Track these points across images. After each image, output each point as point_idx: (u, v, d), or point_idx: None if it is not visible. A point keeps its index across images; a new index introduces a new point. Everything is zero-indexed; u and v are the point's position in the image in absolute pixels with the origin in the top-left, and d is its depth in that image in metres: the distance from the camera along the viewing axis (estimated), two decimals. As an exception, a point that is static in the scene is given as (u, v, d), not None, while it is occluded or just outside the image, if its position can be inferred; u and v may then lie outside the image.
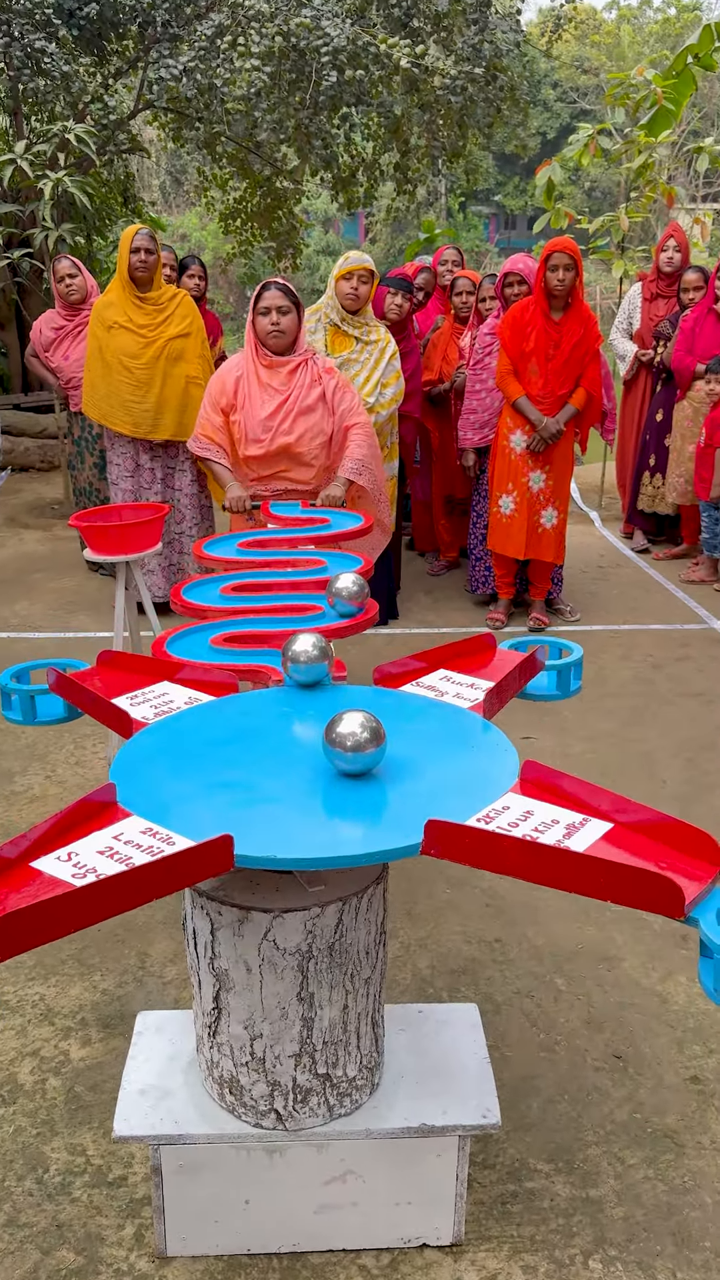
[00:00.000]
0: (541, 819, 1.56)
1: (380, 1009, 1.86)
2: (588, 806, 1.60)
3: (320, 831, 1.51)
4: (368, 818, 1.54)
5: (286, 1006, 1.69)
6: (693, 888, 1.40)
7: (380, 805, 1.58)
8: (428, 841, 1.46)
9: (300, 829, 1.51)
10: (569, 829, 1.54)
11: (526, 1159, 2.07)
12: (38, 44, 6.13)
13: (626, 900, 1.39)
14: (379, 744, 1.60)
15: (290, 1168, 1.80)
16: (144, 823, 1.53)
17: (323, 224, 33.21)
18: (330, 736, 1.60)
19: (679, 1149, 2.10)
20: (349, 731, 1.59)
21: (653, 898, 1.37)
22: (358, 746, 1.59)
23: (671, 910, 1.37)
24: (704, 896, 1.40)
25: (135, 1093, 1.86)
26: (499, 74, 7.11)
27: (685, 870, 1.44)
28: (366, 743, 1.59)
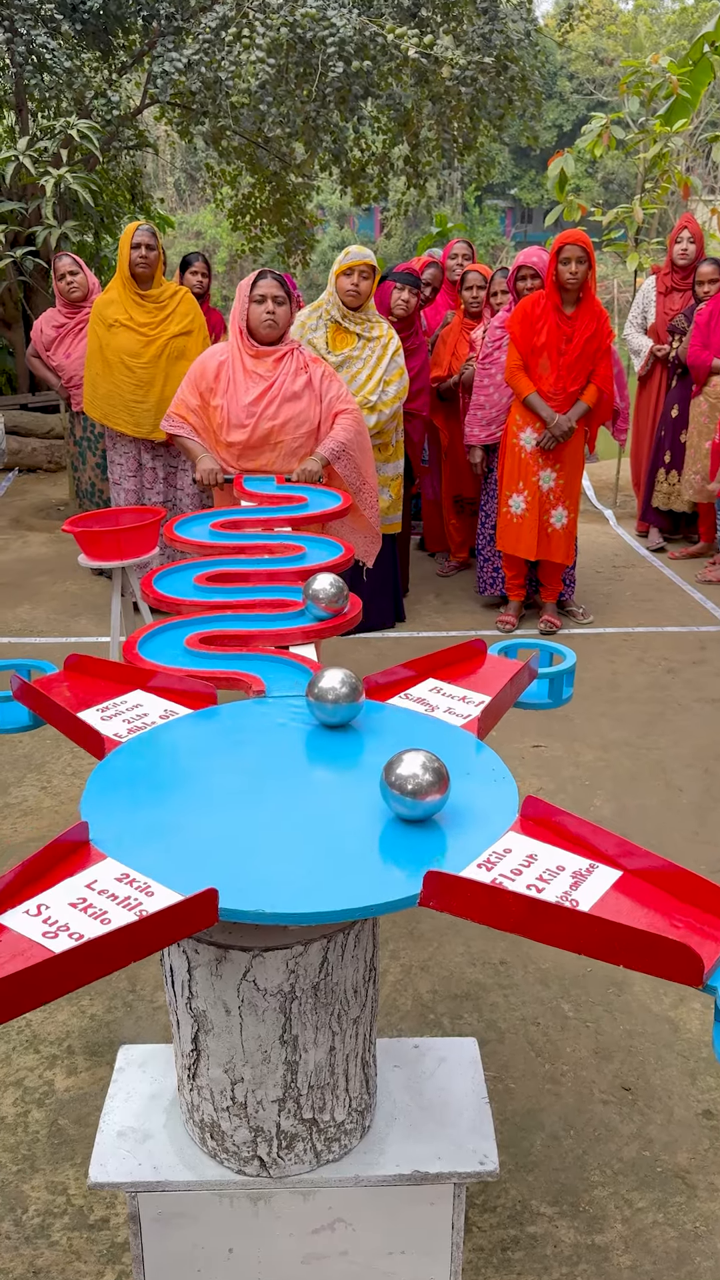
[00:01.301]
0: (546, 865, 1.45)
1: (371, 1048, 1.75)
2: (594, 850, 1.49)
3: (311, 880, 1.40)
4: (362, 863, 1.43)
5: (269, 1050, 1.59)
6: (710, 952, 1.28)
7: (375, 847, 1.47)
8: (426, 893, 1.36)
9: (288, 875, 1.40)
10: (575, 878, 1.43)
11: (529, 1201, 1.96)
12: (40, 39, 6.05)
13: (639, 965, 1.27)
14: (443, 791, 1.49)
15: (276, 1216, 1.70)
16: (119, 867, 1.43)
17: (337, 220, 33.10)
18: (390, 779, 1.48)
19: (690, 1190, 1.99)
20: (410, 774, 1.47)
21: (669, 965, 1.25)
22: (418, 791, 1.48)
23: (689, 979, 1.26)
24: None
25: (114, 1135, 1.76)
26: (510, 64, 6.97)
27: (699, 929, 1.33)
28: (429, 787, 1.47)
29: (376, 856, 1.45)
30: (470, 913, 1.33)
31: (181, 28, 6.53)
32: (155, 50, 6.54)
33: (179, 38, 6.58)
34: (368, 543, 3.75)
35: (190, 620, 2.23)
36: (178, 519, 2.83)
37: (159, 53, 6.40)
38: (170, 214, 33.15)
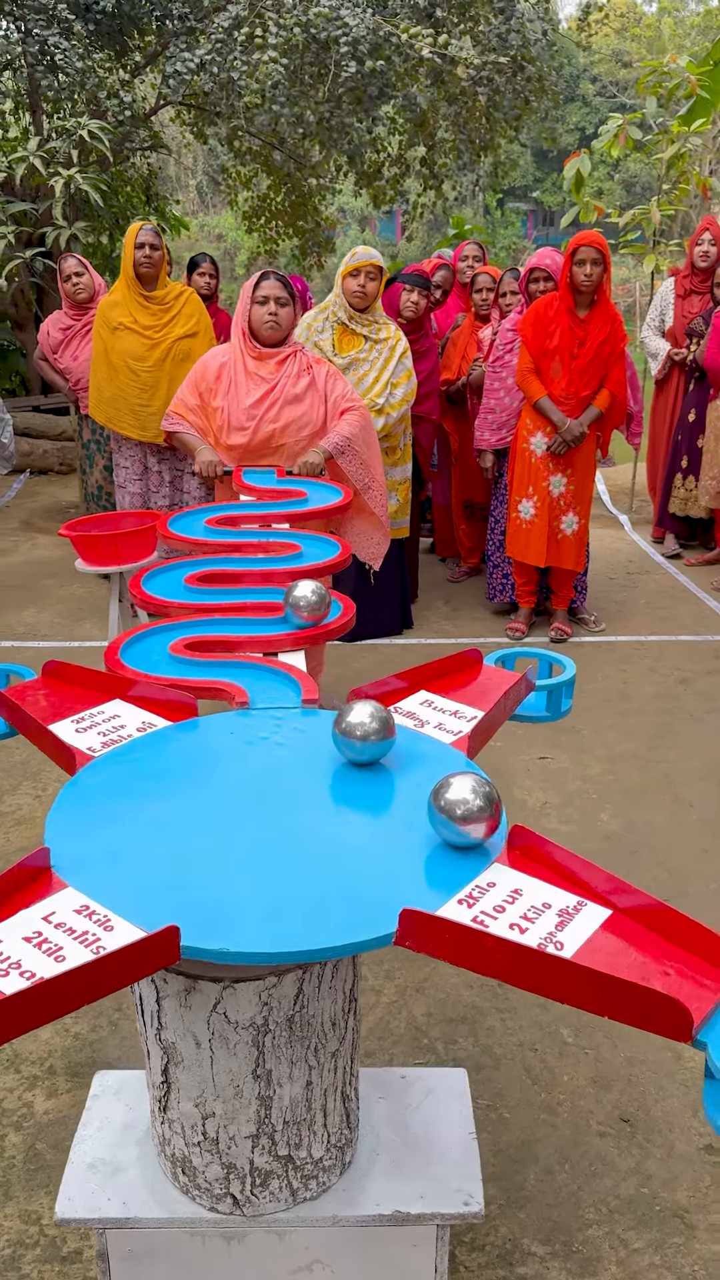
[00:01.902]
0: (531, 902, 1.37)
1: (353, 1081, 1.68)
2: (582, 886, 1.40)
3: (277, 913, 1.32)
4: (336, 897, 1.36)
5: (241, 1084, 1.51)
6: (700, 1004, 1.20)
7: (351, 880, 1.40)
8: (402, 932, 1.28)
9: (255, 909, 1.33)
10: (562, 916, 1.35)
11: (520, 1239, 1.88)
12: (52, 39, 6.01)
13: (625, 1018, 1.19)
14: (492, 815, 1.43)
15: (250, 1256, 1.63)
16: (80, 898, 1.35)
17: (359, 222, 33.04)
18: (439, 803, 1.42)
19: (689, 1230, 1.90)
20: (459, 799, 1.41)
21: (657, 1019, 1.17)
22: (468, 816, 1.41)
23: (677, 1034, 1.17)
24: (713, 1014, 1.20)
25: (84, 1167, 1.70)
26: (527, 64, 6.88)
27: (690, 976, 1.25)
28: (480, 811, 1.41)
29: (351, 890, 1.37)
30: (448, 954, 1.26)
31: (195, 27, 6.48)
32: (168, 51, 6.49)
33: (192, 38, 6.54)
34: (376, 544, 3.67)
35: (176, 624, 2.16)
36: (173, 513, 2.77)
37: (171, 53, 6.36)
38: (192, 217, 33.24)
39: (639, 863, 3.06)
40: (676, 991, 1.21)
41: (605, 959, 1.26)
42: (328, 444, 3.27)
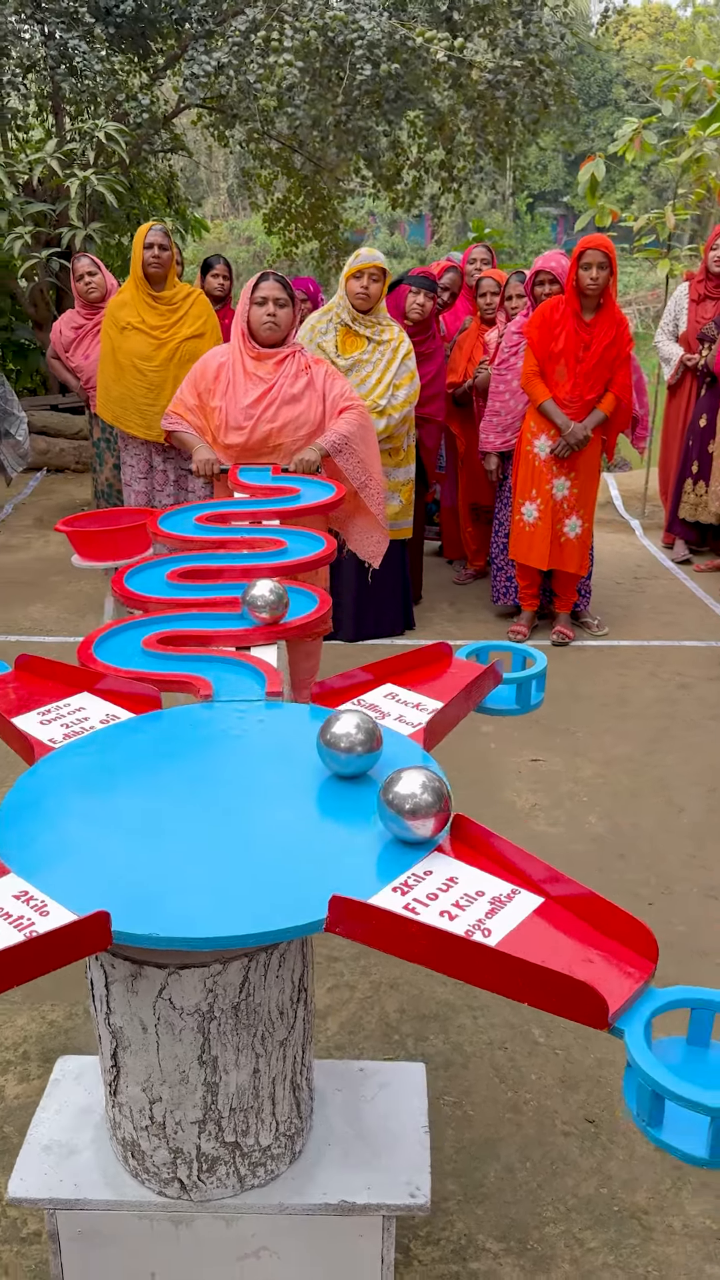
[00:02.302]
0: (465, 890, 1.38)
1: (304, 1071, 1.69)
2: (519, 875, 1.41)
3: (214, 900, 1.34)
4: (271, 884, 1.37)
5: (187, 1070, 1.53)
6: (620, 993, 1.21)
7: (290, 867, 1.41)
8: (332, 918, 1.30)
9: (192, 895, 1.35)
10: (494, 904, 1.36)
11: (475, 1235, 1.89)
12: (72, 42, 6.08)
13: (544, 1005, 1.20)
14: (441, 810, 1.44)
15: (198, 1241, 1.65)
16: (20, 884, 1.38)
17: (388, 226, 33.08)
18: (387, 797, 1.43)
19: (646, 1232, 1.90)
20: (409, 793, 1.42)
21: (573, 1006, 1.18)
22: (416, 810, 1.42)
23: (593, 1021, 1.18)
24: (632, 1003, 1.21)
25: (39, 1149, 1.72)
26: (546, 68, 6.88)
27: (615, 965, 1.26)
28: (429, 806, 1.42)
29: (290, 877, 1.39)
30: (376, 941, 1.27)
31: (213, 31, 6.53)
32: (187, 54, 6.55)
33: (211, 41, 6.59)
34: (376, 542, 3.68)
35: (153, 619, 2.19)
36: (163, 510, 2.79)
37: (190, 56, 6.41)
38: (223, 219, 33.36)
39: (625, 865, 3.05)
40: (599, 979, 1.22)
41: (531, 946, 1.27)
42: (324, 442, 3.29)
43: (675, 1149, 1.12)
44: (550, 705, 4.16)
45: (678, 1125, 1.14)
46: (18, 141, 7.87)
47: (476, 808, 3.34)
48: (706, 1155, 1.10)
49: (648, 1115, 1.14)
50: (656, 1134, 1.14)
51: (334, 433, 3.30)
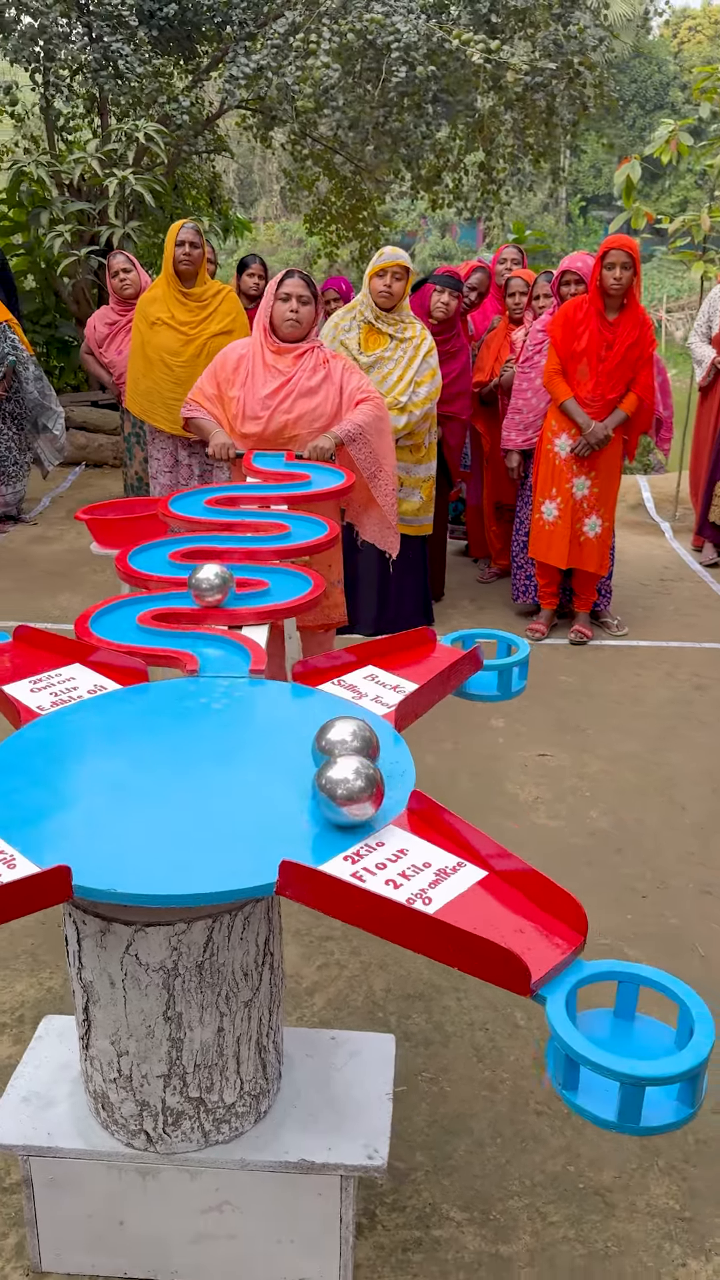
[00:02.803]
0: (413, 861, 1.43)
1: (271, 1034, 1.75)
2: (468, 849, 1.46)
3: (175, 862, 1.41)
4: (229, 848, 1.44)
5: (152, 1025, 1.60)
6: (545, 962, 1.25)
7: (247, 834, 1.47)
8: (282, 882, 1.36)
9: (155, 857, 1.41)
10: (439, 875, 1.41)
11: (440, 1204, 1.93)
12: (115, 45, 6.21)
13: (473, 970, 1.25)
14: (368, 799, 1.45)
15: (164, 1192, 1.72)
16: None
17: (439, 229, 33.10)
18: (320, 782, 1.46)
19: (609, 1209, 1.93)
20: (340, 778, 1.44)
21: (498, 972, 1.23)
22: (349, 797, 1.44)
23: (517, 987, 1.23)
24: (558, 972, 1.25)
25: (18, 1100, 1.80)
26: (585, 70, 6.89)
27: (545, 936, 1.30)
28: (360, 793, 1.44)
29: (248, 843, 1.45)
30: (321, 904, 1.33)
31: (253, 33, 6.63)
32: (227, 56, 6.66)
33: (252, 44, 6.69)
34: (383, 531, 3.73)
35: (150, 596, 2.26)
36: (174, 494, 2.87)
37: (230, 58, 6.52)
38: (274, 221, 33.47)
39: (622, 860, 3.08)
40: (526, 948, 1.27)
41: (467, 915, 1.32)
42: (339, 430, 3.35)
43: (587, 1112, 1.17)
44: (562, 702, 4.18)
45: (591, 1090, 1.18)
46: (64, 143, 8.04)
47: (479, 799, 3.38)
48: (615, 1119, 1.14)
49: (563, 1079, 1.19)
50: (571, 1098, 1.19)
51: (349, 422, 3.36)
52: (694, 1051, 1.16)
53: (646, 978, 1.27)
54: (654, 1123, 1.15)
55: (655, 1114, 1.15)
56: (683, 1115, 1.17)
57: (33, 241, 8.22)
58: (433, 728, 3.90)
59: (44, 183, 7.12)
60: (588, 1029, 1.26)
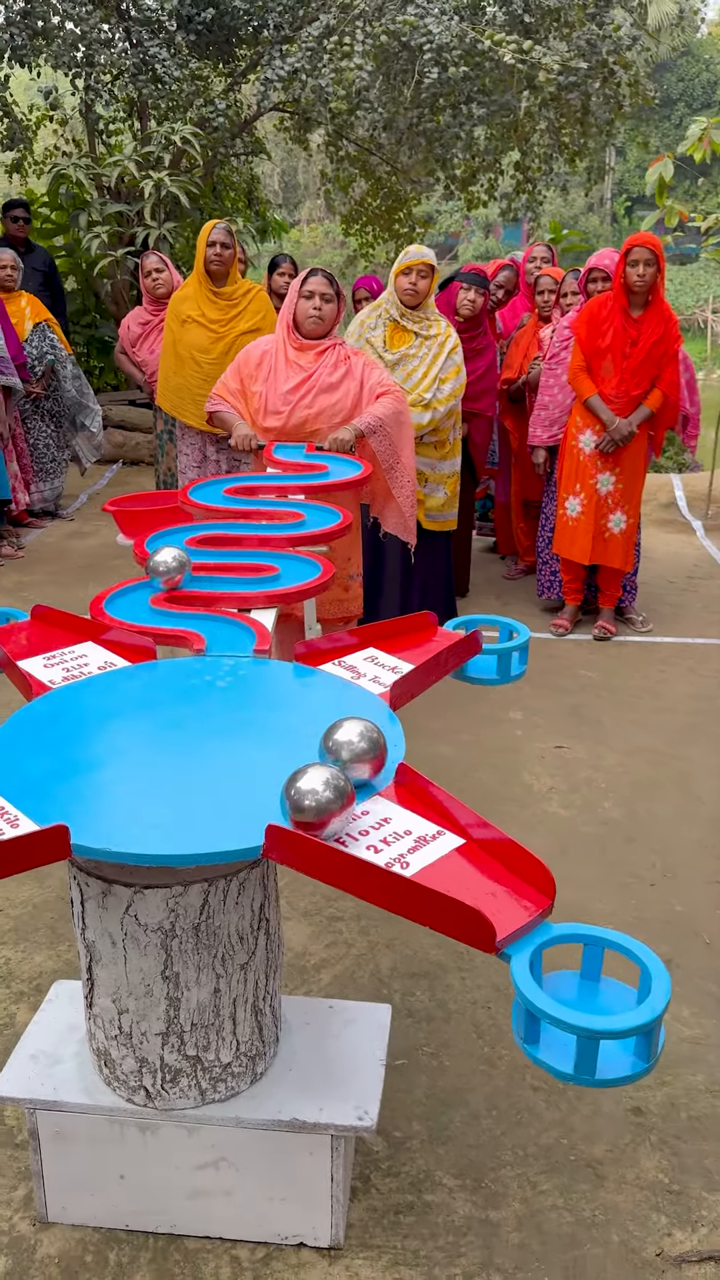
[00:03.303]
0: (395, 828, 1.49)
1: (268, 998, 1.82)
2: (448, 819, 1.52)
3: (168, 825, 1.48)
4: (221, 814, 1.51)
5: (151, 984, 1.67)
6: (512, 923, 1.31)
7: (240, 801, 1.54)
8: (268, 845, 1.42)
9: (151, 819, 1.49)
10: (418, 842, 1.47)
11: (434, 1171, 1.99)
12: (153, 50, 6.33)
13: (445, 929, 1.31)
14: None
15: (163, 1147, 1.79)
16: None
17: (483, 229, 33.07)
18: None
19: (599, 1180, 1.98)
20: (309, 788, 1.44)
21: (466, 930, 1.29)
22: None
23: (483, 944, 1.29)
24: (524, 933, 1.31)
25: (26, 1057, 1.89)
26: (620, 69, 6.89)
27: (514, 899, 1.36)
28: (330, 803, 1.43)
29: (241, 810, 1.51)
30: (304, 867, 1.39)
31: (289, 37, 6.72)
32: (263, 60, 6.76)
33: (287, 47, 6.79)
34: (401, 522, 3.80)
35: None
36: (194, 483, 2.95)
37: (266, 62, 6.62)
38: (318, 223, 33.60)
39: (632, 849, 3.11)
40: (495, 910, 1.32)
41: (442, 879, 1.38)
42: (359, 423, 3.42)
43: (547, 1065, 1.22)
44: (582, 696, 4.21)
45: (551, 1044, 1.23)
46: (105, 146, 8.19)
47: (494, 789, 3.42)
48: (572, 1071, 1.20)
49: (524, 1033, 1.24)
50: (533, 1051, 1.24)
51: (369, 414, 3.43)
52: (648, 1008, 1.20)
53: (610, 940, 1.32)
54: (609, 1075, 1.20)
55: (610, 1067, 1.20)
56: (638, 1069, 1.21)
57: (73, 243, 8.39)
58: (451, 720, 3.95)
59: (84, 185, 7.28)
60: (554, 989, 1.32)
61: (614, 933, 1.33)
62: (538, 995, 1.21)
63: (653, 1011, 1.20)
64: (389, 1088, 2.16)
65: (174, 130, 6.46)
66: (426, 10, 6.25)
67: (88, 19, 6.81)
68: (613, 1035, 1.18)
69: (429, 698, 4.09)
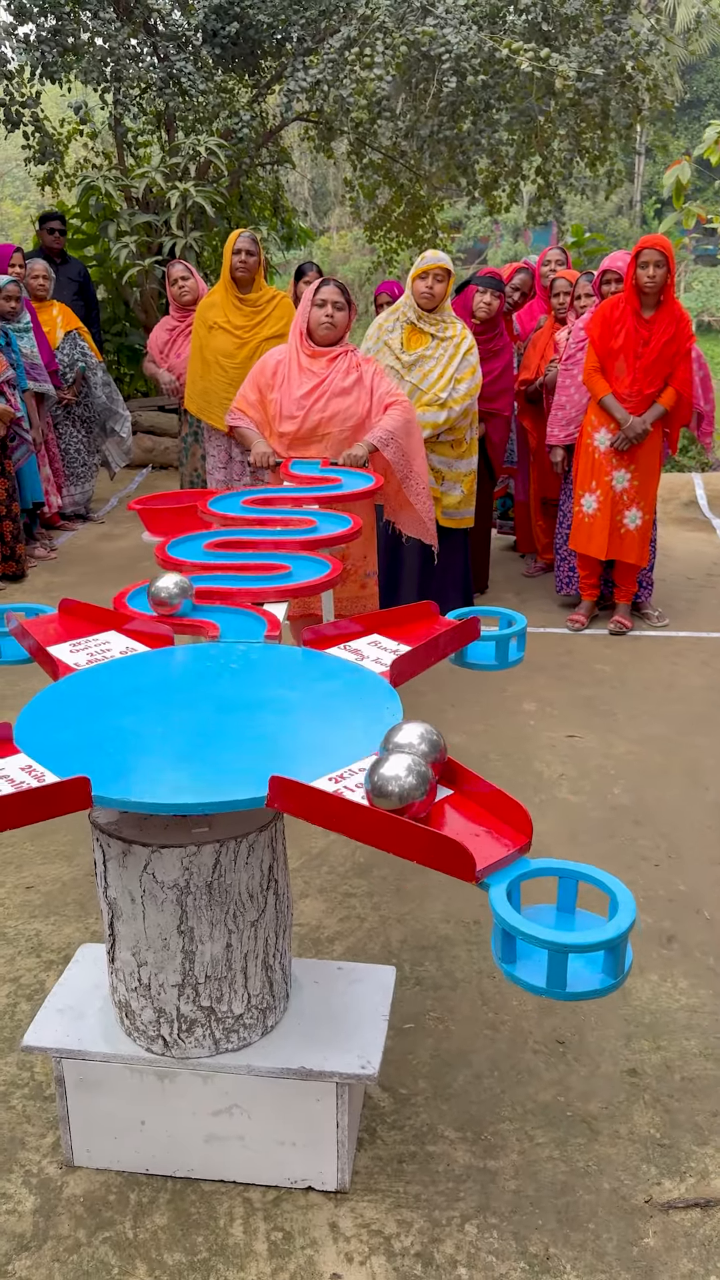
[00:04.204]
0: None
1: (278, 956, 1.94)
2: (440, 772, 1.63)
3: (181, 780, 1.61)
4: (230, 772, 1.64)
5: (168, 938, 1.80)
6: (491, 856, 1.42)
7: (247, 761, 1.67)
8: (271, 795, 1.55)
9: (165, 776, 1.62)
10: None
11: (436, 1125, 2.10)
12: (179, 64, 6.51)
13: (431, 863, 1.43)
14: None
15: (181, 1094, 1.92)
16: (26, 760, 1.68)
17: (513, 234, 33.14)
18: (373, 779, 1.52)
19: (593, 1134, 2.08)
20: (393, 774, 1.50)
21: (450, 862, 1.41)
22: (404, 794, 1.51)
23: (464, 874, 1.41)
24: (503, 865, 1.42)
25: (54, 1011, 2.02)
26: (639, 74, 6.98)
27: (495, 838, 1.47)
28: (414, 789, 1.49)
29: (248, 769, 1.64)
30: (306, 813, 1.52)
31: (312, 49, 6.88)
32: (286, 72, 6.92)
33: (310, 59, 6.95)
34: (420, 526, 3.93)
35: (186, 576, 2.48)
36: (214, 493, 3.09)
37: (288, 74, 6.78)
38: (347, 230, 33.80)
39: (639, 832, 3.20)
40: (478, 846, 1.44)
41: (430, 821, 1.49)
42: (372, 438, 3.56)
43: (522, 981, 1.34)
44: (596, 689, 4.31)
45: (525, 962, 1.35)
46: (134, 158, 8.40)
47: (505, 776, 3.53)
48: (545, 985, 1.31)
49: (501, 953, 1.36)
50: (510, 969, 1.35)
51: (381, 429, 3.56)
52: (614, 926, 1.32)
53: (581, 873, 1.43)
54: (579, 988, 1.31)
55: (580, 981, 1.32)
56: (606, 984, 1.33)
57: (103, 253, 8.60)
58: (466, 711, 4.06)
59: (113, 196, 7.47)
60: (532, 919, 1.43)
61: (585, 866, 1.44)
62: (513, 916, 1.33)
63: (618, 929, 1.31)
64: (396, 1049, 2.28)
65: (199, 142, 6.64)
66: (445, 20, 6.38)
67: (116, 35, 7.01)
68: (580, 949, 1.29)
69: (445, 690, 4.22)
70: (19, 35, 7.74)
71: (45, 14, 7.48)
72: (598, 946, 1.29)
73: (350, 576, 3.76)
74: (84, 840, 3.18)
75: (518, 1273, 1.79)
